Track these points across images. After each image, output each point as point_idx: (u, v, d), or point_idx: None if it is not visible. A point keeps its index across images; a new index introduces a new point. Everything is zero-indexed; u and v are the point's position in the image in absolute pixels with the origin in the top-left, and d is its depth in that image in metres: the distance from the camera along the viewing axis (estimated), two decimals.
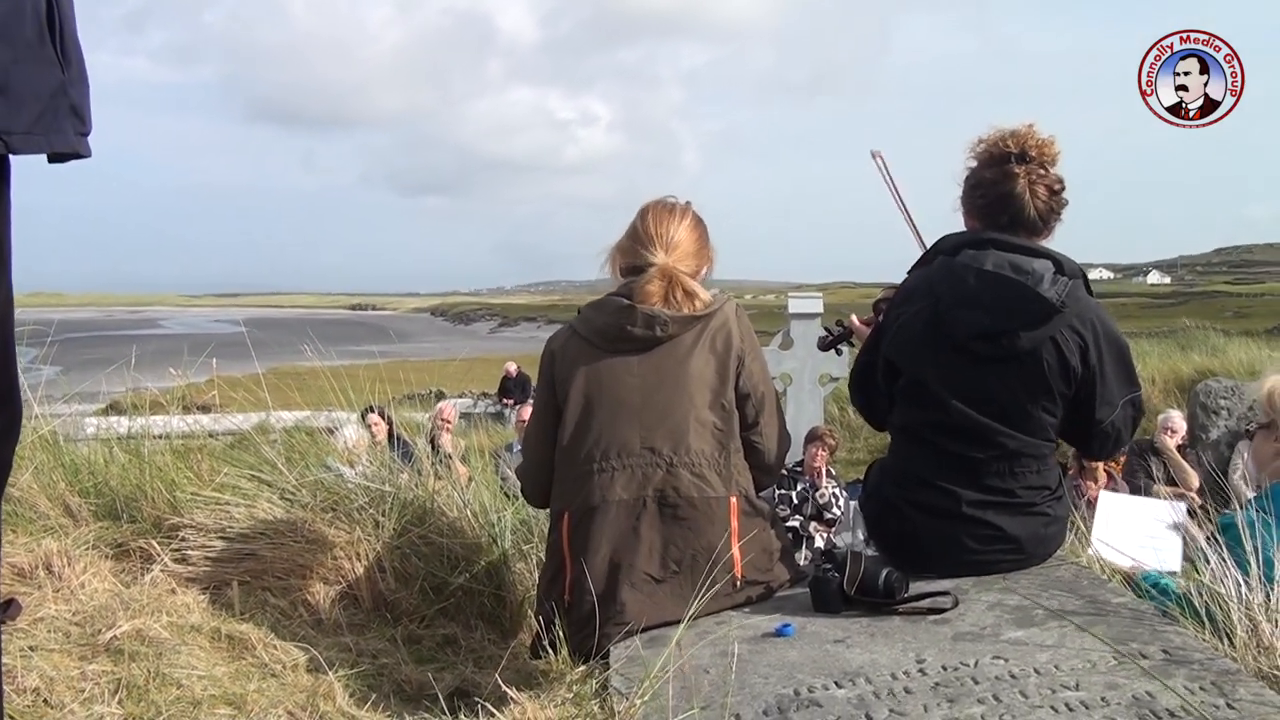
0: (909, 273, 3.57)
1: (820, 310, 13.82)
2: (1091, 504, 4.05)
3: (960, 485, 3.24)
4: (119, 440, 4.75)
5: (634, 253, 3.42)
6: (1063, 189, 3.37)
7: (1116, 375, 3.26)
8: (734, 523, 3.20)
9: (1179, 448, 9.81)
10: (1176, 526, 3.76)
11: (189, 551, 3.85)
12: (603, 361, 3.31)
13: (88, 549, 3.72)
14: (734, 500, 3.22)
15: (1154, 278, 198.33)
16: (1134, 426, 3.38)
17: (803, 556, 8.63)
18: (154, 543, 3.83)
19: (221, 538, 3.92)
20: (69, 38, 2.48)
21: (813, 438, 10.10)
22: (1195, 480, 9.18)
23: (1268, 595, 2.68)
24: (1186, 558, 3.68)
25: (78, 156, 2.25)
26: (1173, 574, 3.46)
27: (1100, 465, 9.28)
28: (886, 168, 3.77)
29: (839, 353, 4.26)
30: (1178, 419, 10.18)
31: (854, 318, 4.01)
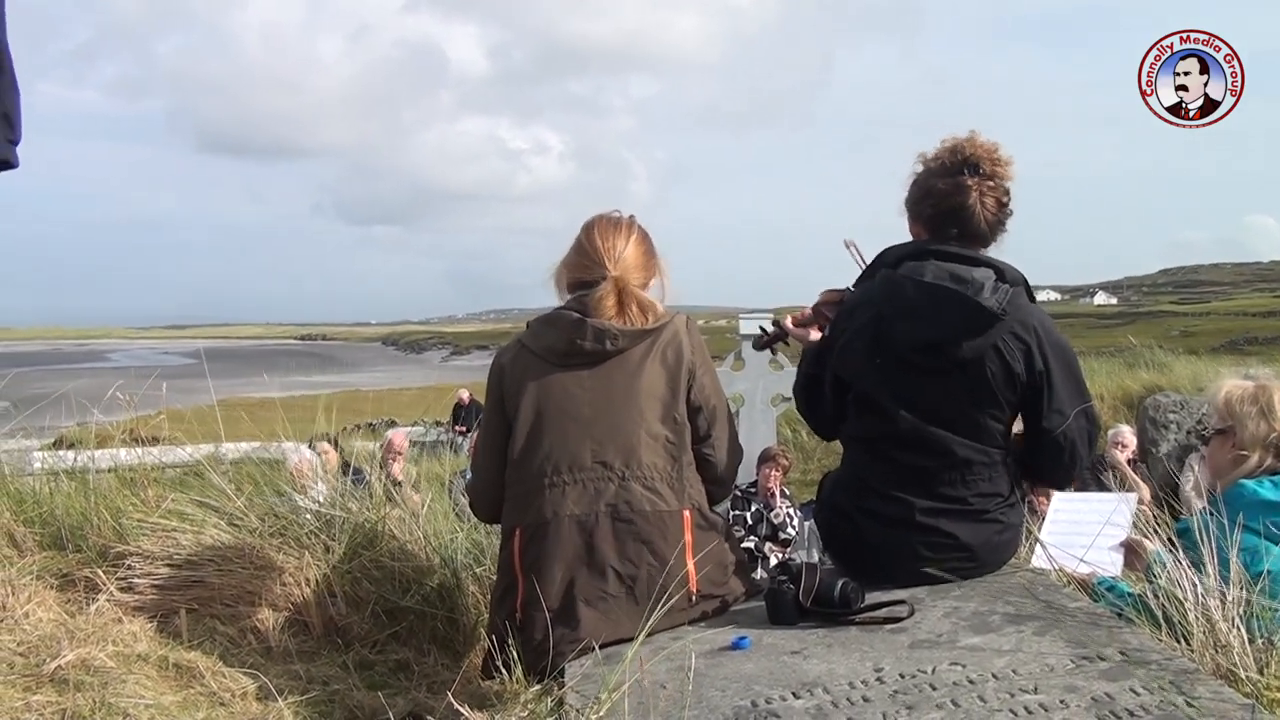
0: (852, 288, 3.57)
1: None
2: (1043, 518, 4.05)
3: (913, 494, 3.23)
4: (66, 472, 4.68)
5: (582, 268, 3.39)
6: (1009, 200, 3.38)
7: (1065, 384, 3.25)
8: (688, 536, 3.17)
9: (1129, 461, 9.89)
10: (1123, 528, 3.76)
11: (135, 580, 3.78)
12: (553, 376, 3.29)
13: (33, 579, 3.65)
14: (687, 514, 3.20)
15: (1100, 298, 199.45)
16: (1091, 442, 3.36)
17: (758, 577, 8.61)
18: (99, 571, 3.76)
19: (168, 565, 3.85)
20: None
21: (766, 459, 10.09)
22: (1147, 493, 9.25)
23: (1223, 595, 2.68)
24: (1130, 565, 3.69)
25: (7, 166, 2.19)
26: (1115, 578, 3.47)
27: None
28: (860, 254, 3.78)
29: (774, 353, 4.32)
30: (1128, 433, 10.26)
31: (788, 318, 3.99)
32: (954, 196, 3.33)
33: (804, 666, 2.61)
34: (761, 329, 4.15)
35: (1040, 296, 4.25)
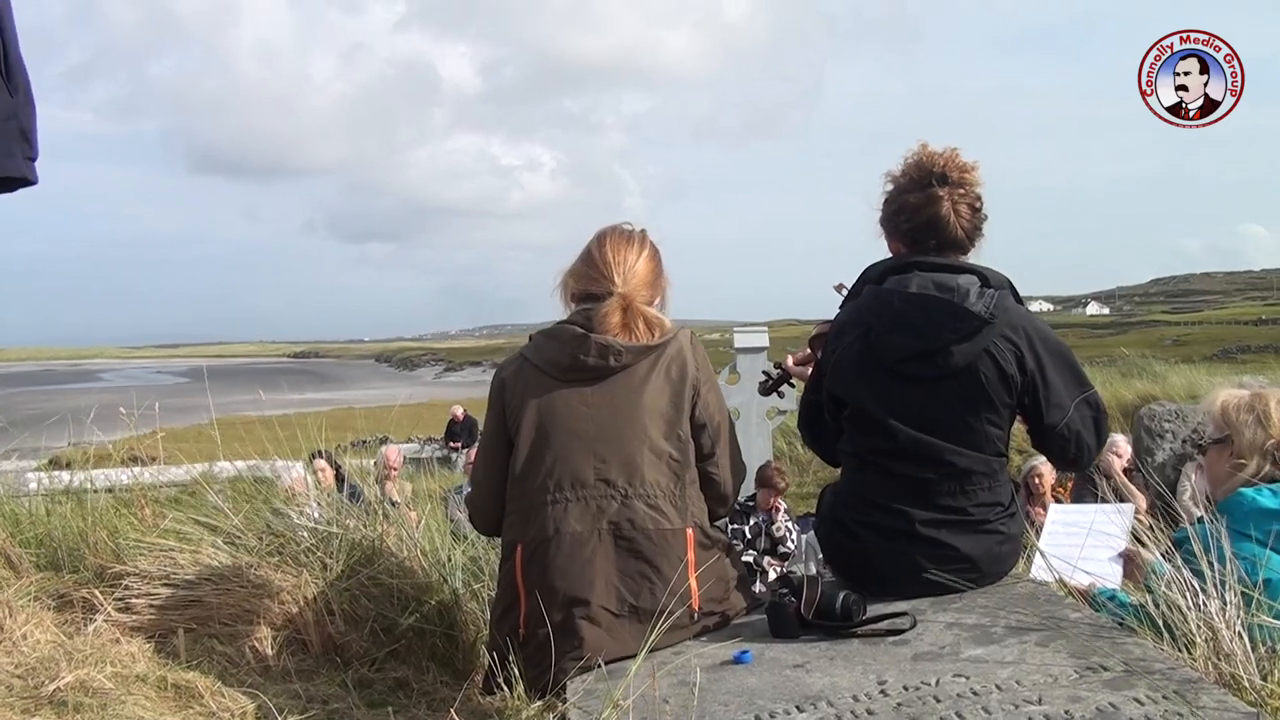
0: (840, 308, 3.59)
1: (766, 344, 13.86)
2: (1040, 530, 4.05)
3: (912, 505, 3.22)
4: (62, 492, 4.66)
5: (589, 279, 3.36)
6: (982, 205, 3.42)
7: (1061, 378, 3.26)
8: (690, 554, 3.14)
9: (1125, 470, 9.89)
10: (1121, 538, 3.76)
11: (133, 600, 3.77)
12: (556, 391, 3.25)
13: (30, 600, 3.64)
14: (690, 532, 3.17)
15: (1093, 308, 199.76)
16: (1098, 428, 3.34)
17: (758, 591, 8.59)
18: (97, 592, 3.75)
19: (166, 585, 3.84)
20: (15, 63, 2.44)
21: (764, 483, 10.01)
22: (1144, 502, 9.24)
23: (1224, 603, 2.68)
24: (1129, 576, 3.68)
25: (26, 183, 2.19)
26: (1115, 589, 3.47)
27: (1049, 491, 9.34)
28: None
29: (780, 395, 4.31)
30: (1123, 443, 10.26)
31: (789, 359, 4.04)
32: (927, 209, 3.37)
33: (807, 680, 2.59)
34: (765, 373, 4.18)
35: (1033, 307, 4.26)
